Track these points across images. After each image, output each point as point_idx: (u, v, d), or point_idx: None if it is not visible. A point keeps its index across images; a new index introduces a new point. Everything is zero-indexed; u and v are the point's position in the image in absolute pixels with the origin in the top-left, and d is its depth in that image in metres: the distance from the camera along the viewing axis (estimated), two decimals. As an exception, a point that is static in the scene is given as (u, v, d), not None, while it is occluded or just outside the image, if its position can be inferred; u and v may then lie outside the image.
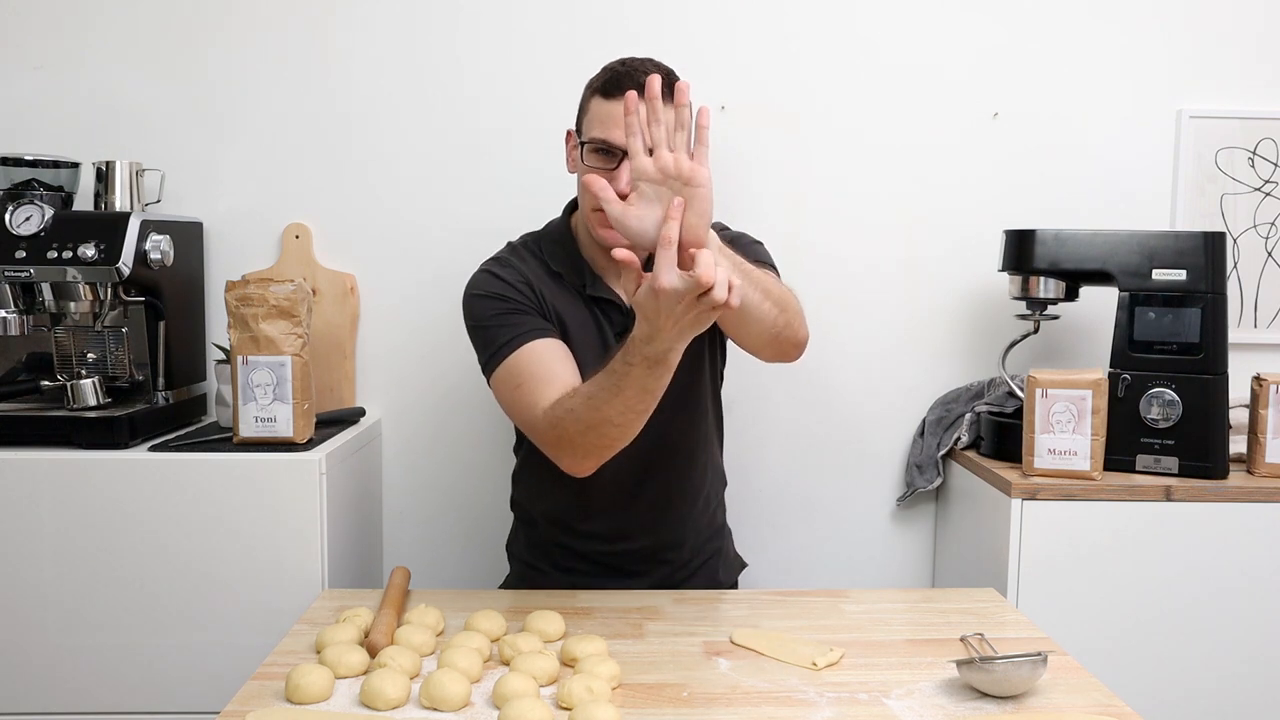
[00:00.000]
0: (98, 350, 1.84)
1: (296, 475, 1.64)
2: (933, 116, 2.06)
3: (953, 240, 2.08)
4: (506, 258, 1.61)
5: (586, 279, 1.58)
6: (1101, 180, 2.08)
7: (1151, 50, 2.06)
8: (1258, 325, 2.12)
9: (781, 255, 2.05)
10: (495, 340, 1.50)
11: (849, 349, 2.10)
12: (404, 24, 2.00)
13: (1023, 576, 1.74)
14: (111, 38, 1.98)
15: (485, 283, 1.56)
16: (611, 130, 1.47)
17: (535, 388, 1.43)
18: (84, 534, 1.62)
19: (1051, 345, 2.08)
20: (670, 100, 1.26)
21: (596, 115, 1.50)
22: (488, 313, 1.53)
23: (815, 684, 1.27)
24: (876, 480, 2.13)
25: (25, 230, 1.68)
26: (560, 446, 1.41)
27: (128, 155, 1.91)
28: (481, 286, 1.56)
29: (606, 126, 1.48)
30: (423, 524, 2.10)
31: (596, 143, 1.49)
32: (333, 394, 2.02)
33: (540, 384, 1.43)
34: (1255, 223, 2.09)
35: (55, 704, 1.65)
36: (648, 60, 1.53)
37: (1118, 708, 1.21)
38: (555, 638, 1.38)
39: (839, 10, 2.04)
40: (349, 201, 2.03)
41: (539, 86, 2.02)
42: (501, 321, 1.51)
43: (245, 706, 1.18)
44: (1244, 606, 1.76)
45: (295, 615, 1.53)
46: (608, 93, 1.48)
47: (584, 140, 1.51)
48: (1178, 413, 1.77)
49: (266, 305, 1.65)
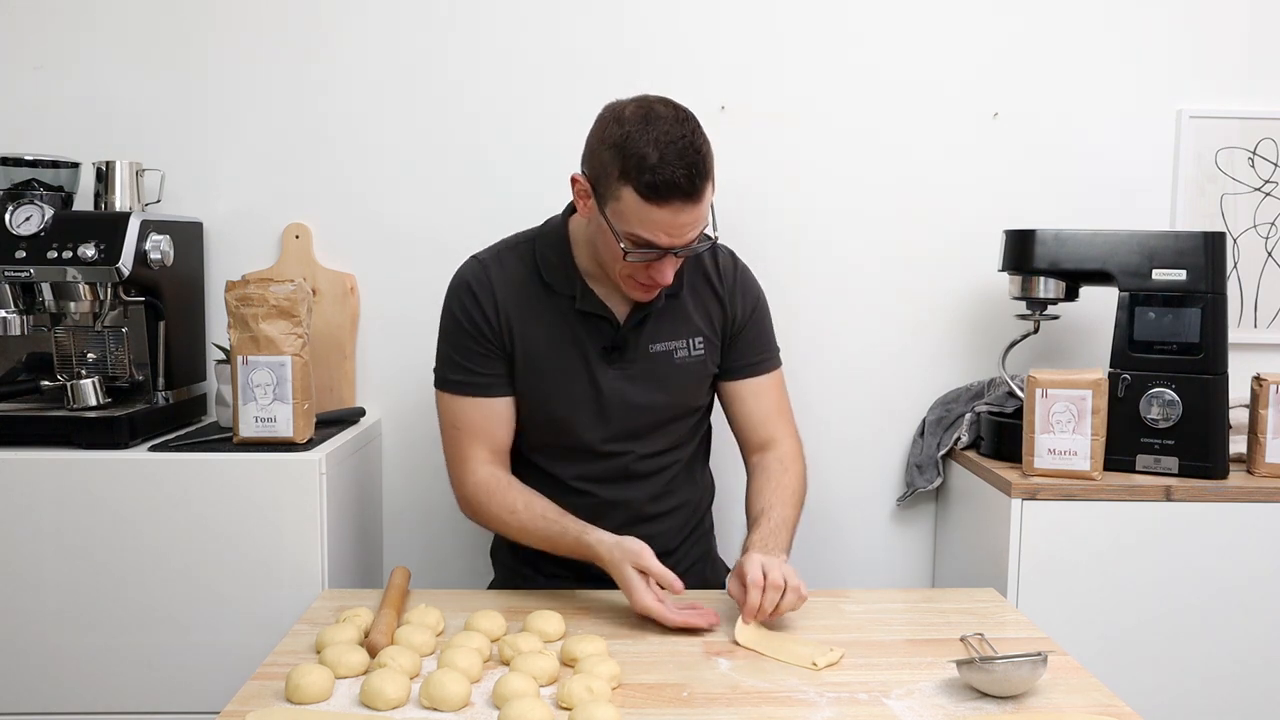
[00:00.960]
0: (98, 350, 1.84)
1: (296, 475, 1.63)
2: (933, 116, 2.06)
3: (953, 240, 2.08)
4: (489, 264, 1.60)
5: (578, 292, 1.57)
6: (1101, 180, 2.08)
7: (1151, 50, 2.06)
8: (1258, 325, 2.12)
9: (781, 256, 2.06)
10: (449, 370, 1.61)
11: (849, 349, 2.10)
12: (404, 25, 2.00)
13: (1023, 576, 1.74)
14: (111, 38, 1.98)
15: (462, 298, 1.59)
16: (658, 235, 1.42)
17: (470, 444, 1.60)
18: (84, 534, 1.62)
19: (1051, 345, 2.08)
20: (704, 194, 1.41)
21: (636, 214, 1.41)
22: (451, 337, 1.60)
23: (815, 684, 1.27)
24: (876, 480, 2.13)
25: (25, 230, 1.68)
26: (471, 513, 1.63)
27: (128, 155, 1.91)
28: (458, 301, 1.59)
29: (651, 229, 1.42)
30: (423, 524, 2.09)
31: (639, 241, 1.43)
32: (333, 394, 2.02)
33: (474, 443, 1.60)
34: (1255, 223, 2.09)
35: (55, 704, 1.65)
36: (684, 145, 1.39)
37: (1118, 708, 1.21)
38: (555, 638, 1.38)
39: (839, 10, 2.04)
40: (349, 201, 2.03)
41: (538, 87, 2.02)
42: (461, 357, 1.59)
43: (245, 706, 1.18)
44: (1244, 606, 1.76)
45: (295, 615, 1.53)
46: (650, 197, 1.39)
47: (628, 237, 1.43)
48: (1178, 413, 1.77)
49: (266, 305, 1.65)
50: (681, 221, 1.41)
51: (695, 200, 1.40)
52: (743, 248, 1.95)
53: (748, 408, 1.68)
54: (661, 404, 1.62)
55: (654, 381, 1.60)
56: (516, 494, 1.58)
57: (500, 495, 1.58)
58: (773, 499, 1.58)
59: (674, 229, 1.42)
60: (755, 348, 1.67)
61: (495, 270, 1.59)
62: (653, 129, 1.39)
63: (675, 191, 1.38)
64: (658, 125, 1.39)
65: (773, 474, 1.63)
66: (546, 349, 1.58)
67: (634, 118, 1.41)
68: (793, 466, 1.65)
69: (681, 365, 1.62)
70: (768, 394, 1.68)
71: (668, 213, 1.39)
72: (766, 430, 1.68)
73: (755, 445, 1.68)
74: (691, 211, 1.41)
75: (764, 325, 1.69)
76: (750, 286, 1.68)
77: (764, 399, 1.68)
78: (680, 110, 1.43)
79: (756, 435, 1.68)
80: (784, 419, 1.70)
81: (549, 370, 1.59)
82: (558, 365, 1.58)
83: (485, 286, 1.58)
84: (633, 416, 1.61)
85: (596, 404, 1.59)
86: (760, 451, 1.67)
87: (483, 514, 1.61)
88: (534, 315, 1.58)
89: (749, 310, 1.66)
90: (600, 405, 1.59)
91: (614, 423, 1.60)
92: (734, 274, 1.66)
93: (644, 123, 1.40)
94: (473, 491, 1.60)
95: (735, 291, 1.65)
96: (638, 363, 1.59)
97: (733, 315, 1.65)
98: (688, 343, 1.62)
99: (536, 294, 1.58)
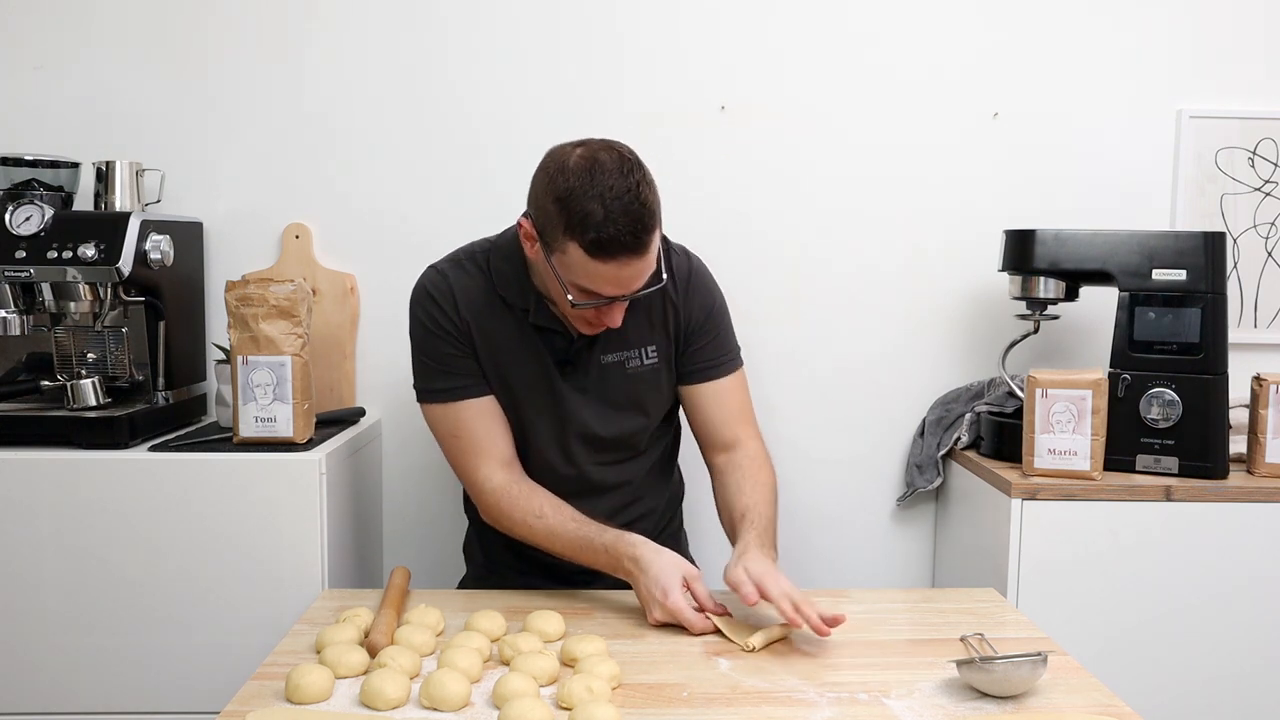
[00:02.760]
0: (98, 350, 1.84)
1: (296, 475, 1.63)
2: (933, 116, 2.06)
3: (953, 240, 2.08)
4: (447, 272, 1.57)
5: (532, 305, 1.54)
6: (1101, 180, 2.08)
7: (1151, 50, 2.06)
8: (1258, 325, 2.12)
9: (782, 256, 2.06)
10: (431, 381, 1.58)
11: (849, 349, 2.10)
12: (404, 25, 2.00)
13: (1023, 576, 1.74)
14: (111, 38, 1.98)
15: (425, 304, 1.56)
16: (604, 287, 1.41)
17: (474, 450, 1.57)
18: (84, 534, 1.62)
19: (1051, 345, 2.08)
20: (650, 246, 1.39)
21: (582, 268, 1.39)
22: (424, 347, 1.57)
23: (815, 684, 1.27)
24: (876, 480, 2.13)
25: (25, 230, 1.68)
26: (493, 521, 1.59)
27: (128, 155, 1.91)
28: (422, 308, 1.56)
29: (598, 283, 1.40)
30: (423, 524, 2.10)
31: (590, 294, 1.42)
32: (333, 394, 2.02)
33: (479, 448, 1.57)
34: (1255, 223, 2.09)
35: (55, 704, 1.65)
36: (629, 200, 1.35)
37: (1118, 708, 1.21)
38: (555, 638, 1.38)
39: (839, 11, 2.04)
40: (349, 201, 2.03)
41: (537, 87, 2.02)
42: (439, 363, 1.56)
43: (245, 706, 1.18)
44: (1244, 606, 1.76)
45: (295, 615, 1.53)
46: (595, 254, 1.36)
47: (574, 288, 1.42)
48: (1178, 413, 1.77)
49: (266, 305, 1.65)
50: (628, 275, 1.40)
51: (641, 254, 1.38)
52: (742, 248, 1.95)
53: (708, 411, 1.64)
54: (614, 418, 1.60)
55: (606, 395, 1.59)
56: (542, 498, 1.55)
57: (524, 500, 1.55)
58: (756, 497, 1.56)
59: (620, 282, 1.41)
60: (712, 350, 1.63)
61: (454, 277, 1.56)
62: (597, 183, 1.35)
63: (621, 249, 1.36)
64: (602, 178, 1.35)
65: (748, 472, 1.60)
66: (509, 359, 1.56)
67: (578, 169, 1.37)
68: (765, 466, 1.63)
69: (634, 374, 1.59)
70: (729, 396, 1.65)
71: (614, 267, 1.38)
72: (729, 431, 1.64)
73: (718, 446, 1.65)
74: (638, 264, 1.39)
75: (721, 326, 1.65)
76: (705, 288, 1.64)
77: (725, 401, 1.64)
78: (626, 158, 1.39)
79: (719, 436, 1.65)
80: (747, 421, 1.66)
81: (513, 381, 1.57)
82: (520, 375, 1.57)
83: (445, 294, 1.55)
84: (588, 430, 1.59)
85: (555, 415, 1.58)
86: (725, 452, 1.64)
87: (506, 521, 1.57)
88: (492, 325, 1.56)
89: (704, 313, 1.62)
90: (558, 417, 1.58)
91: (570, 437, 1.60)
92: (688, 277, 1.61)
93: (588, 175, 1.36)
94: (492, 500, 1.57)
95: (689, 295, 1.61)
96: (590, 375, 1.58)
97: (686, 319, 1.61)
98: (639, 352, 1.59)
99: (493, 304, 1.56)
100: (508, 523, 1.57)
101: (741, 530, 1.52)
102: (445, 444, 1.61)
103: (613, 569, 1.49)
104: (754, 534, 1.50)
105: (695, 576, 1.45)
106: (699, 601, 1.43)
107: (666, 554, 1.46)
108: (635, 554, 1.46)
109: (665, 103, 2.02)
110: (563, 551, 1.53)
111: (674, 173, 2.01)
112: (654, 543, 1.48)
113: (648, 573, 1.44)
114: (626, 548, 1.47)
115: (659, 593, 1.42)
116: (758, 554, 1.45)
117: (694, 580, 1.44)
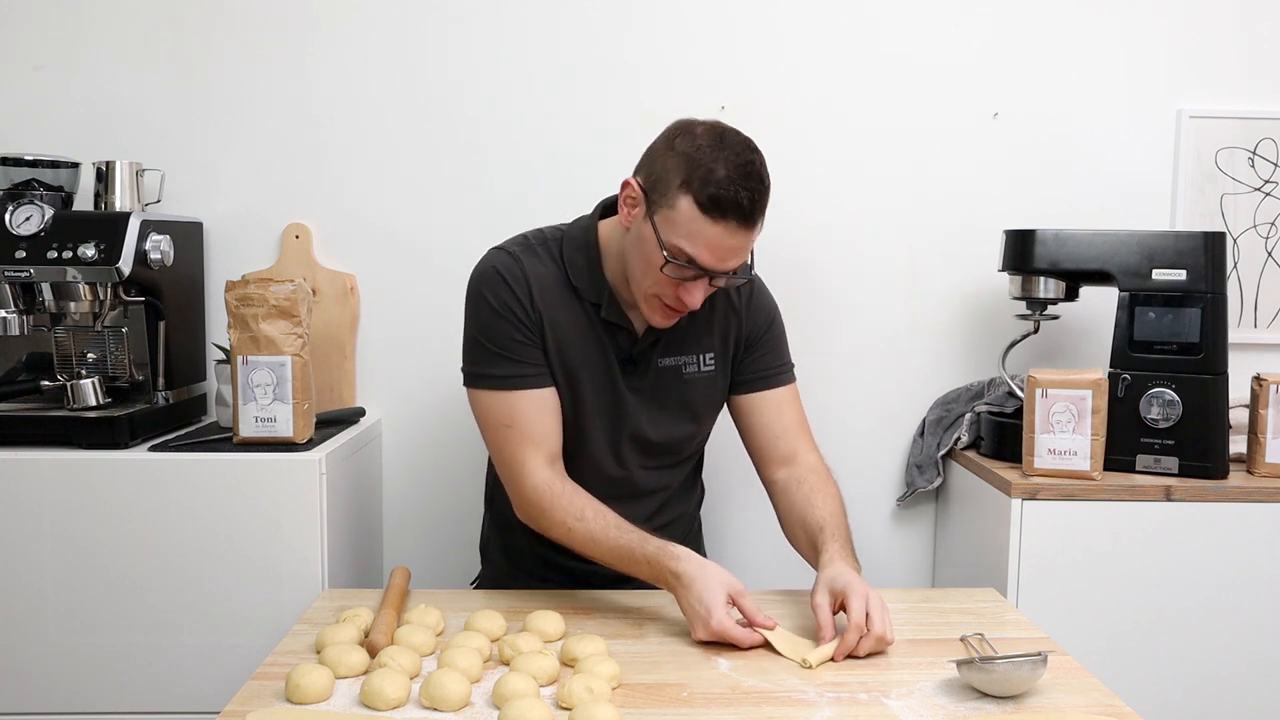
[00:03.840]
0: (98, 350, 1.84)
1: (296, 475, 1.63)
2: (933, 116, 2.06)
3: (953, 240, 2.08)
4: (519, 256, 1.53)
5: (604, 300, 1.52)
6: (1101, 180, 2.08)
7: (1151, 50, 2.06)
8: (1258, 325, 2.11)
9: (781, 256, 2.06)
10: (490, 366, 1.51)
11: (849, 349, 2.10)
12: (403, 25, 2.00)
13: (1023, 576, 1.74)
14: (111, 38, 1.98)
15: (495, 286, 1.50)
16: (703, 252, 1.39)
17: (526, 442, 1.50)
18: (84, 534, 1.62)
19: (1051, 345, 2.08)
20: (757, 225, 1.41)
21: (688, 226, 1.38)
22: (489, 331, 1.51)
23: (815, 684, 1.27)
24: (876, 480, 2.13)
25: (25, 230, 1.68)
26: (530, 519, 1.53)
27: (128, 155, 1.91)
28: (491, 290, 1.50)
29: (699, 245, 1.39)
30: (423, 524, 2.10)
31: (686, 258, 1.40)
32: (333, 394, 2.02)
33: (531, 442, 1.50)
34: (1255, 223, 2.09)
35: (55, 704, 1.65)
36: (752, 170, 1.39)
37: (1118, 708, 1.21)
38: (555, 638, 1.38)
39: (839, 11, 2.04)
40: (349, 201, 2.03)
41: (538, 87, 2.02)
42: (504, 349, 1.50)
43: (245, 706, 1.18)
44: (1244, 606, 1.76)
45: (295, 615, 1.53)
46: (708, 210, 1.37)
47: (672, 248, 1.39)
48: (1178, 413, 1.77)
49: (266, 305, 1.65)
50: (730, 245, 1.39)
51: (749, 225, 1.39)
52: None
53: (766, 420, 1.62)
54: (665, 422, 1.59)
55: (660, 398, 1.58)
56: (584, 501, 1.49)
57: (565, 501, 1.48)
58: (830, 508, 1.53)
59: (721, 250, 1.39)
60: (771, 359, 1.63)
61: (527, 262, 1.52)
62: (725, 148, 1.38)
63: (735, 211, 1.36)
64: (730, 146, 1.39)
65: (816, 486, 1.56)
66: (577, 354, 1.53)
67: (706, 135, 1.40)
68: (831, 478, 1.60)
69: (690, 380, 1.58)
70: (786, 407, 1.63)
71: (721, 230, 1.37)
72: (787, 444, 1.62)
73: (777, 460, 1.62)
74: (743, 236, 1.40)
75: (779, 340, 1.65)
76: (766, 302, 1.65)
77: (784, 412, 1.62)
78: (751, 141, 1.43)
79: (777, 449, 1.62)
80: (804, 434, 1.64)
81: (579, 374, 1.54)
82: (587, 370, 1.54)
83: (519, 278, 1.50)
84: (640, 433, 1.58)
85: (613, 416, 1.56)
86: (785, 465, 1.61)
87: (545, 520, 1.50)
88: (564, 316, 1.52)
89: (766, 324, 1.63)
90: (616, 418, 1.56)
91: (623, 439, 1.58)
92: (750, 289, 1.62)
93: (717, 140, 1.39)
94: (533, 496, 1.50)
95: (752, 304, 1.62)
96: (648, 378, 1.57)
97: (748, 330, 1.61)
98: (698, 358, 1.58)
99: (564, 294, 1.52)
100: (546, 522, 1.50)
101: (824, 543, 1.48)
102: (493, 434, 1.53)
103: (655, 580, 1.44)
104: (837, 545, 1.46)
105: (740, 591, 1.40)
106: (746, 616, 1.39)
107: (710, 569, 1.41)
108: (678, 569, 1.40)
109: (666, 103, 2.02)
110: (602, 558, 1.47)
111: (674, 173, 2.02)
112: (698, 556, 1.43)
113: (690, 590, 1.39)
114: (670, 561, 1.41)
115: (703, 610, 1.36)
116: (843, 566, 1.42)
117: (740, 596, 1.39)
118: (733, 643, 1.36)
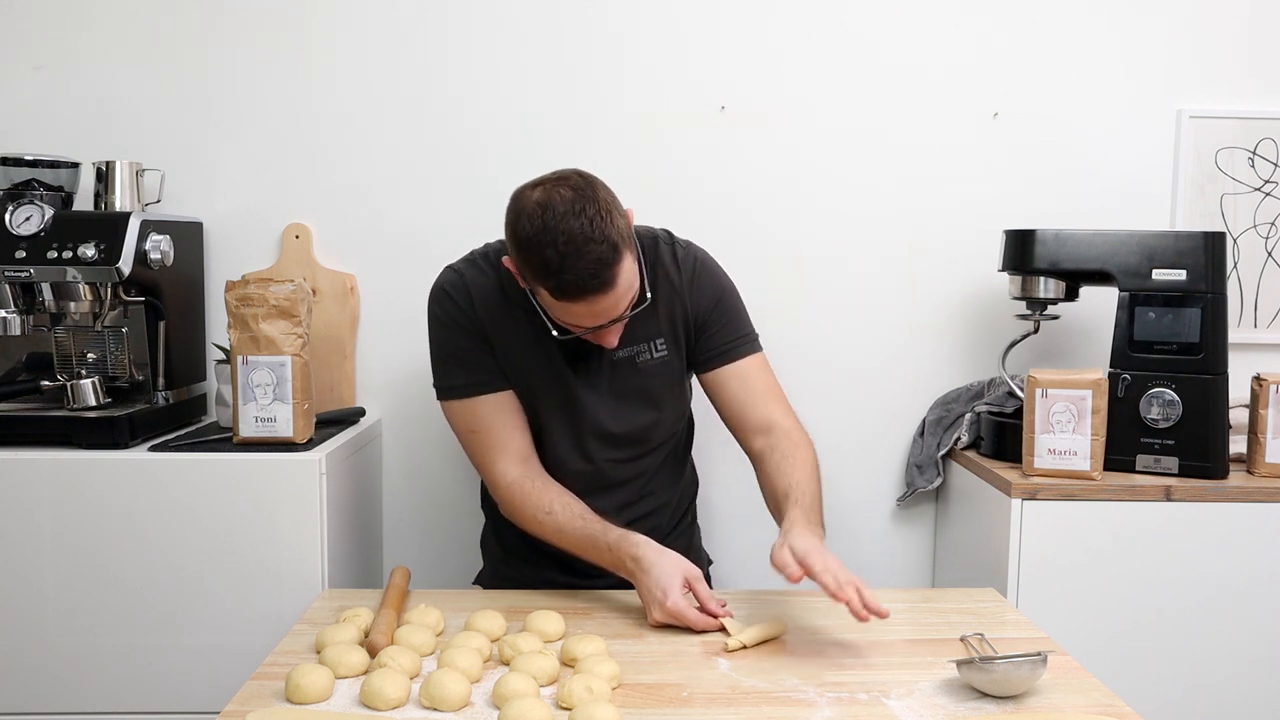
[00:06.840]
0: (98, 350, 1.84)
1: (296, 475, 1.63)
2: (933, 117, 2.06)
3: (953, 240, 2.08)
4: (463, 271, 1.59)
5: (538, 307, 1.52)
6: (1101, 180, 2.08)
7: (1151, 50, 2.06)
8: (1258, 325, 2.11)
9: (782, 256, 2.06)
10: (451, 377, 1.60)
11: (849, 349, 2.10)
12: (403, 25, 2.00)
13: (1023, 576, 1.74)
14: (111, 38, 1.98)
15: (441, 301, 1.58)
16: (582, 320, 1.44)
17: (492, 445, 1.59)
18: (84, 534, 1.62)
19: (1051, 345, 2.08)
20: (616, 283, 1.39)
21: (555, 308, 1.43)
22: (443, 344, 1.59)
23: (815, 684, 1.27)
24: (876, 480, 2.13)
25: (25, 230, 1.68)
26: (509, 515, 1.62)
27: (128, 155, 1.91)
28: (439, 304, 1.59)
29: (574, 319, 1.44)
30: (423, 524, 2.10)
31: (573, 326, 1.46)
32: (333, 394, 2.02)
33: (496, 444, 1.59)
34: (1255, 223, 2.09)
35: (55, 704, 1.65)
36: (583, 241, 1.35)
37: (1118, 708, 1.21)
38: (555, 638, 1.38)
39: (839, 11, 2.04)
40: (349, 201, 2.03)
41: (536, 86, 2.02)
42: (458, 359, 1.58)
43: (245, 706, 1.18)
44: (1244, 606, 1.76)
45: (295, 615, 1.53)
46: (562, 298, 1.39)
47: (556, 323, 1.47)
48: (1178, 413, 1.77)
49: (266, 305, 1.65)
50: (601, 309, 1.41)
51: (607, 290, 1.39)
52: (741, 248, 1.95)
53: (732, 391, 1.62)
54: (627, 413, 1.61)
55: (618, 390, 1.60)
56: (553, 495, 1.56)
57: (535, 496, 1.56)
58: (797, 475, 1.53)
59: (596, 315, 1.43)
60: (727, 333, 1.62)
61: (470, 277, 1.58)
62: (550, 228, 1.35)
63: (584, 291, 1.37)
64: (555, 222, 1.35)
65: (786, 451, 1.56)
66: (523, 358, 1.57)
67: (533, 214, 1.37)
68: (804, 443, 1.59)
69: (645, 368, 1.60)
70: (753, 377, 1.62)
71: (584, 305, 1.40)
72: (759, 413, 1.61)
73: (753, 429, 1.61)
74: (607, 299, 1.40)
75: (732, 311, 1.64)
76: (711, 278, 1.63)
77: (750, 382, 1.62)
78: (581, 190, 1.38)
79: (750, 419, 1.61)
80: (776, 400, 1.63)
81: (530, 377, 1.58)
82: (535, 374, 1.58)
83: (462, 291, 1.57)
84: (601, 426, 1.60)
85: (570, 413, 1.59)
86: (763, 434, 1.60)
87: (519, 516, 1.59)
88: (506, 324, 1.57)
89: (713, 301, 1.62)
90: (573, 414, 1.59)
91: (585, 433, 1.60)
92: (693, 269, 1.61)
93: (542, 219, 1.36)
94: (506, 495, 1.59)
95: (695, 285, 1.61)
96: (602, 372, 1.59)
97: (695, 309, 1.61)
98: (649, 345, 1.60)
99: (505, 303, 1.57)
100: (520, 518, 1.59)
101: (786, 509, 1.49)
102: (464, 440, 1.63)
103: (615, 567, 1.49)
104: (799, 511, 1.47)
105: (696, 577, 1.45)
106: (700, 602, 1.44)
107: (669, 555, 1.46)
108: (637, 554, 1.46)
109: (665, 103, 2.02)
110: (570, 548, 1.55)
111: (674, 173, 2.03)
112: (656, 543, 1.48)
113: (649, 573, 1.44)
114: (629, 548, 1.47)
115: (659, 593, 1.42)
116: (803, 530, 1.42)
117: (695, 581, 1.44)
118: (686, 625, 1.41)
